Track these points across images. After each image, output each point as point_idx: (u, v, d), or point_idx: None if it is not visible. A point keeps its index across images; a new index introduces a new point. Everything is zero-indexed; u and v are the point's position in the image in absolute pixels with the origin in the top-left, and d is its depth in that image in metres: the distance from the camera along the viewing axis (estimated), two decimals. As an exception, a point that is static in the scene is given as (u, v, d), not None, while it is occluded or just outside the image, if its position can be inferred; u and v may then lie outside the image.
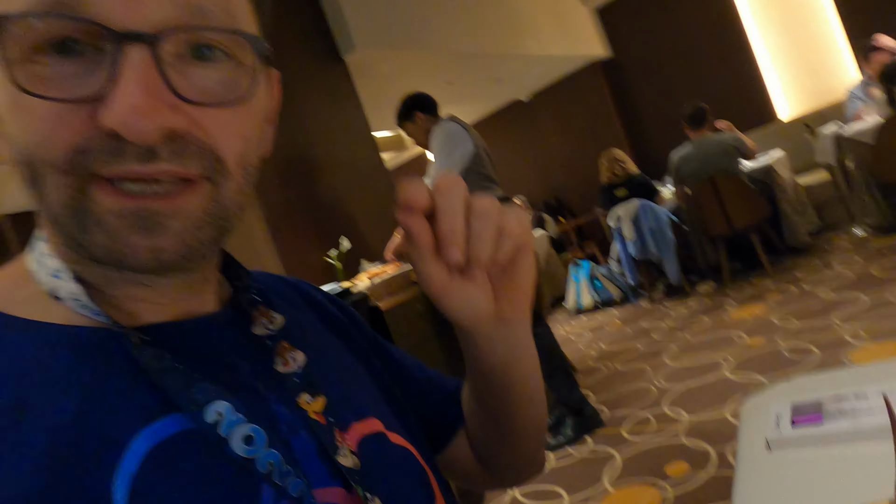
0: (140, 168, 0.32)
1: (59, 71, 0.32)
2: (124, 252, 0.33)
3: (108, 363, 0.35)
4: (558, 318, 5.21)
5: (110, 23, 0.31)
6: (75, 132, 0.32)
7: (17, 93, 0.31)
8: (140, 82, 0.31)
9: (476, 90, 5.99)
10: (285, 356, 0.43)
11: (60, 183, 0.32)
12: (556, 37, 5.58)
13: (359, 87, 3.70)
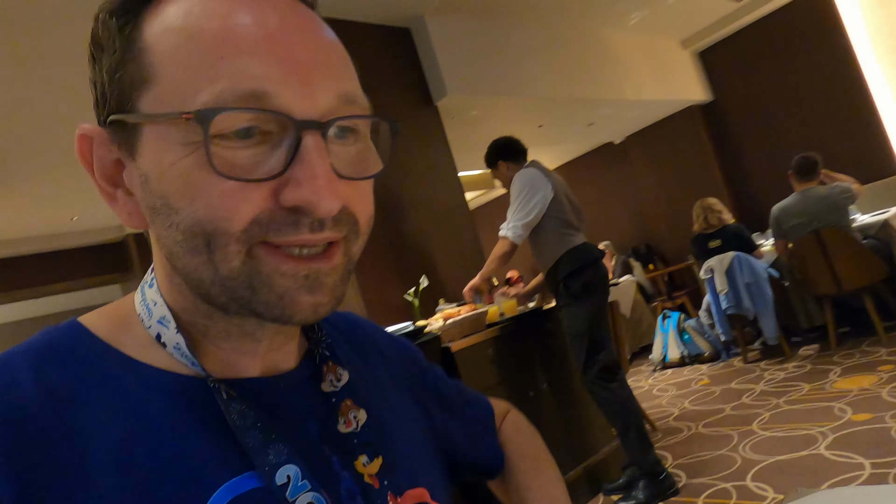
0: (311, 237, 0.37)
1: (244, 154, 0.36)
2: (293, 309, 0.38)
3: (200, 413, 0.40)
4: (641, 369, 4.98)
5: (293, 113, 0.36)
6: (255, 207, 0.36)
7: (201, 173, 0.36)
8: (322, 166, 0.36)
9: (567, 133, 5.98)
10: (348, 415, 0.46)
11: (234, 250, 0.36)
12: (653, 81, 5.48)
13: (448, 129, 3.82)
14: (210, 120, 0.34)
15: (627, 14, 4.90)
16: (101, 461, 0.35)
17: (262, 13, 0.37)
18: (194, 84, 0.35)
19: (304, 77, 0.36)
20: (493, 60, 4.07)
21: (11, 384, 0.37)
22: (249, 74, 0.35)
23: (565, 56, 4.62)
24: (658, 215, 6.63)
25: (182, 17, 0.37)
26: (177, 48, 0.36)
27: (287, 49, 0.37)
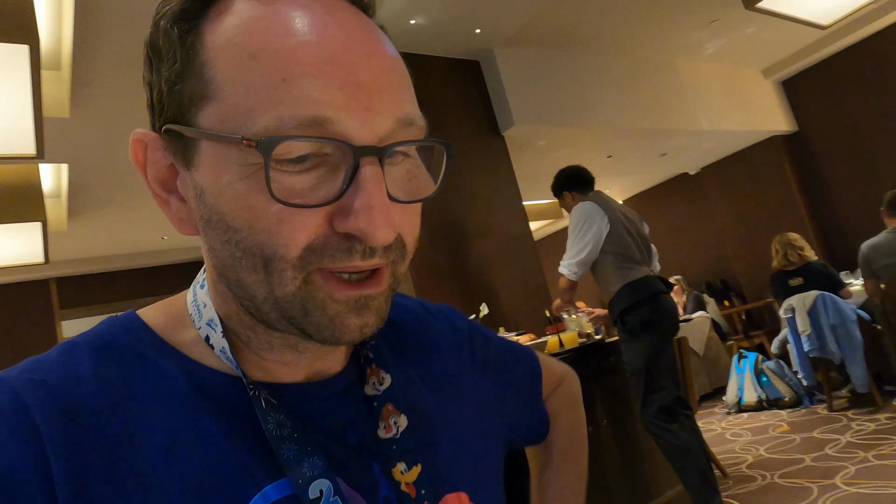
0: (363, 264, 0.37)
1: (300, 179, 0.36)
2: (343, 332, 0.38)
3: (244, 416, 0.40)
4: (715, 411, 4.72)
5: (352, 140, 0.35)
6: (311, 233, 0.36)
7: (258, 198, 0.35)
8: (378, 195, 0.35)
9: (637, 164, 5.87)
10: (388, 420, 0.46)
11: (291, 276, 0.37)
12: (731, 111, 5.31)
13: (515, 159, 3.85)
14: (272, 149, 0.34)
15: (703, 44, 4.80)
16: (151, 456, 0.36)
17: (326, 31, 0.36)
18: (256, 107, 0.35)
19: (365, 102, 0.36)
20: (561, 91, 4.09)
21: (73, 375, 0.38)
22: (311, 100, 0.34)
23: (636, 86, 4.57)
24: (735, 250, 6.33)
25: (244, 32, 0.36)
26: (239, 67, 0.36)
27: (350, 72, 0.36)
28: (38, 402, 0.36)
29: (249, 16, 0.37)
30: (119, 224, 5.02)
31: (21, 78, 2.19)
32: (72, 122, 3.03)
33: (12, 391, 0.36)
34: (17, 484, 0.33)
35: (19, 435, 0.34)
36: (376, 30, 0.40)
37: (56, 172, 3.97)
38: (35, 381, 0.37)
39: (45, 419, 0.35)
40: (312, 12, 0.37)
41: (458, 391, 0.55)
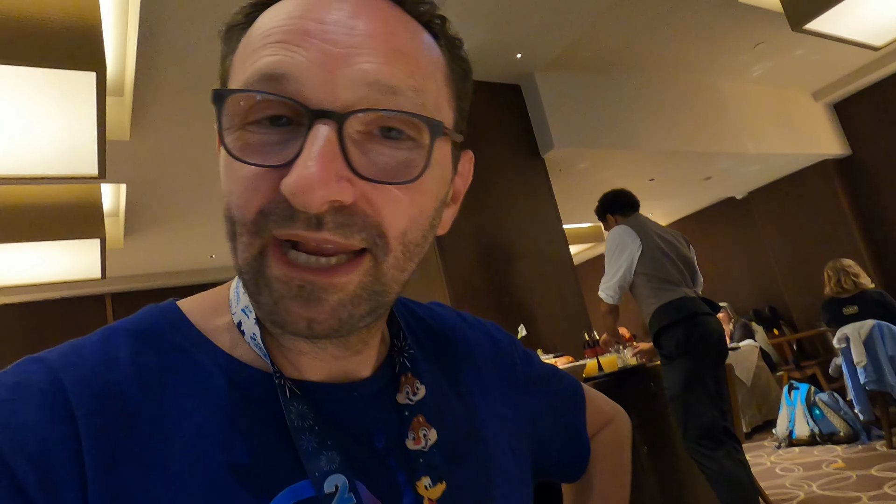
0: (307, 234, 0.34)
1: (263, 139, 0.35)
2: (284, 318, 0.36)
3: (272, 410, 0.39)
4: (764, 444, 4.52)
5: (308, 101, 0.34)
6: (263, 196, 0.35)
7: (228, 157, 0.36)
8: (318, 156, 0.33)
9: (681, 187, 5.77)
10: (418, 432, 0.44)
11: (248, 243, 0.36)
12: (779, 134, 5.18)
13: (555, 181, 3.85)
14: (223, 100, 0.35)
15: (750, 66, 4.73)
16: (180, 445, 0.36)
17: (324, 9, 0.36)
18: (237, 74, 0.37)
19: (330, 65, 0.34)
20: (601, 114, 4.09)
21: (111, 362, 0.38)
22: (273, 59, 0.34)
23: (679, 109, 4.52)
24: (785, 276, 6.11)
25: (263, 18, 0.38)
26: (245, 44, 0.38)
27: (325, 39, 0.35)
28: (75, 384, 0.36)
29: (276, 7, 0.38)
30: (171, 242, 5.23)
31: (87, 103, 2.34)
32: (131, 144, 3.21)
33: (51, 372, 0.36)
34: (48, 461, 0.33)
35: (54, 414, 0.34)
36: (386, 11, 0.38)
37: (115, 192, 4.19)
38: (73, 364, 0.37)
39: (80, 401, 0.35)
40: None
41: (491, 406, 0.53)
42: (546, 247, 3.62)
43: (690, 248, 2.78)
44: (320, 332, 0.36)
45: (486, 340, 0.58)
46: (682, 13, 3.64)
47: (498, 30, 3.14)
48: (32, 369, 0.36)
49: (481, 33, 3.13)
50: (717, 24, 3.88)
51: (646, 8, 3.50)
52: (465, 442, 0.48)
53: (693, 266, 2.66)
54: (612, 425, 0.67)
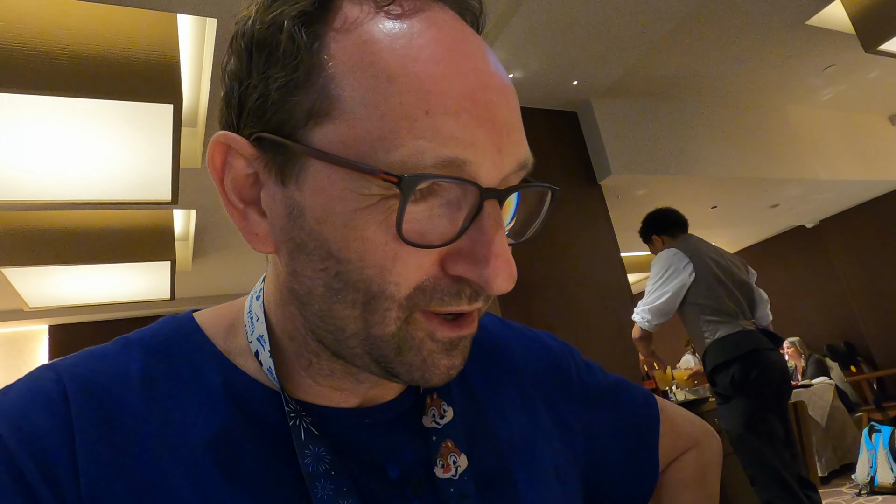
0: (467, 307, 0.35)
1: (421, 216, 0.33)
2: (433, 373, 0.36)
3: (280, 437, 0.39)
4: (842, 491, 4.20)
5: (479, 180, 0.33)
6: (424, 273, 0.34)
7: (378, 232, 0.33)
8: (501, 242, 0.33)
9: (746, 215, 5.56)
10: (447, 458, 0.42)
11: (394, 317, 0.34)
12: (853, 160, 4.93)
13: (612, 208, 3.79)
14: (415, 186, 0.31)
15: (819, 90, 4.54)
16: (180, 464, 0.36)
17: (465, 62, 0.34)
18: (392, 137, 0.31)
19: (497, 144, 0.34)
20: (660, 140, 4.01)
21: (120, 374, 0.39)
22: (453, 138, 0.32)
23: (743, 134, 4.39)
24: (862, 310, 5.74)
25: (379, 50, 0.33)
26: (375, 90, 0.32)
27: (487, 110, 0.33)
28: (78, 394, 0.37)
29: (384, 32, 0.33)
30: (235, 266, 5.44)
31: (164, 133, 2.49)
32: (202, 172, 3.38)
33: (59, 381, 0.37)
34: (53, 467, 0.34)
35: (58, 423, 0.35)
36: (498, 61, 0.37)
37: (186, 217, 4.41)
38: (80, 375, 0.38)
39: (79, 412, 0.36)
40: (449, 38, 0.34)
41: (535, 422, 0.50)
42: (603, 275, 3.54)
43: (749, 271, 2.55)
44: (454, 376, 0.37)
45: (536, 349, 0.55)
46: (746, 37, 3.56)
47: (555, 57, 3.15)
48: (45, 376, 0.38)
49: (538, 61, 3.15)
50: (783, 47, 3.76)
51: (707, 33, 3.44)
52: (500, 466, 0.45)
53: (752, 293, 2.46)
54: (697, 450, 0.60)
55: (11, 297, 4.28)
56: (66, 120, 2.30)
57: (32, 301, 4.31)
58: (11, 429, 0.34)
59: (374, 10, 0.34)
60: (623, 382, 0.59)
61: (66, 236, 3.59)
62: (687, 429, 0.61)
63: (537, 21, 2.74)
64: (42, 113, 2.23)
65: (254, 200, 0.37)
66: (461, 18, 0.37)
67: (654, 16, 2.85)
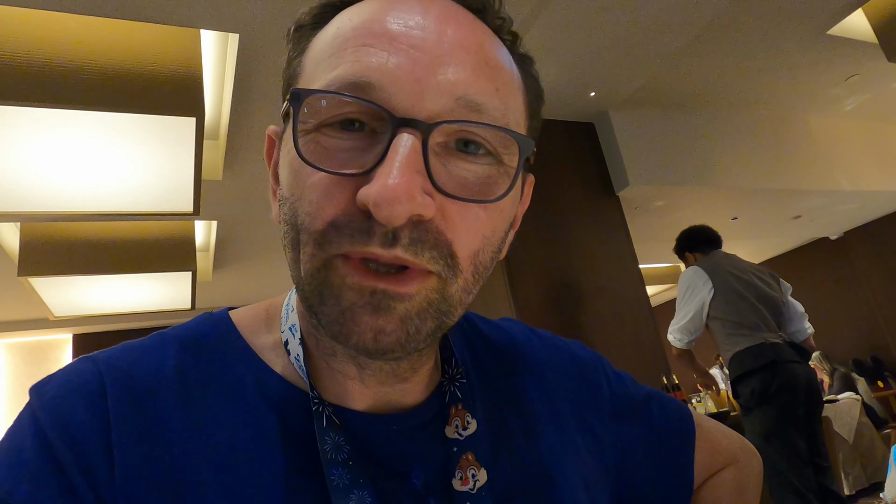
0: (381, 252, 0.32)
1: (338, 145, 0.34)
2: (352, 329, 0.33)
3: (305, 433, 0.39)
4: (870, 510, 4.08)
5: (394, 109, 0.33)
6: (336, 206, 0.33)
7: (298, 161, 0.34)
8: (402, 166, 0.31)
9: (767, 226, 5.48)
10: (466, 471, 0.41)
11: (312, 254, 0.34)
12: (878, 170, 4.85)
13: (631, 220, 3.76)
14: (301, 100, 0.33)
15: (842, 100, 4.48)
16: (209, 457, 0.37)
17: (409, 13, 0.35)
18: (317, 74, 0.35)
19: (418, 74, 0.33)
20: (679, 150, 3.98)
21: (155, 368, 0.39)
22: (361, 64, 0.33)
23: (763, 144, 4.34)
24: (890, 323, 5.61)
25: (341, 19, 0.37)
26: (322, 45, 0.37)
27: (411, 45, 0.34)
28: (115, 387, 0.37)
29: (355, 8, 0.37)
30: (255, 277, 5.50)
31: (186, 146, 2.54)
32: (223, 184, 3.44)
33: (97, 372, 0.38)
34: (88, 456, 0.35)
35: (93, 411, 0.36)
36: (474, 20, 0.37)
37: (207, 228, 4.47)
38: (118, 368, 0.39)
39: (115, 404, 0.37)
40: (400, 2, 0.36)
41: (563, 434, 0.48)
42: (621, 287, 3.51)
43: (780, 285, 2.59)
44: (386, 346, 0.34)
45: (564, 359, 0.54)
46: (767, 47, 3.53)
47: (571, 68, 3.16)
48: (85, 368, 0.39)
49: (554, 72, 3.16)
50: (804, 57, 3.73)
51: (727, 43, 3.42)
52: (525, 481, 0.44)
53: (778, 306, 2.48)
54: (735, 467, 0.58)
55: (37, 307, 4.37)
56: (92, 133, 2.36)
57: (58, 310, 4.40)
58: (52, 419, 0.36)
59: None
60: (656, 394, 0.57)
61: (90, 247, 3.67)
62: (725, 445, 0.58)
63: (553, 33, 2.75)
64: (70, 126, 2.30)
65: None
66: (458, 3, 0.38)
67: (672, 26, 2.84)
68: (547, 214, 3.33)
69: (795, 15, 3.22)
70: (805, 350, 2.41)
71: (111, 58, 2.19)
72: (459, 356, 0.48)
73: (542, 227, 3.28)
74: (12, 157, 2.41)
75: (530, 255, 3.19)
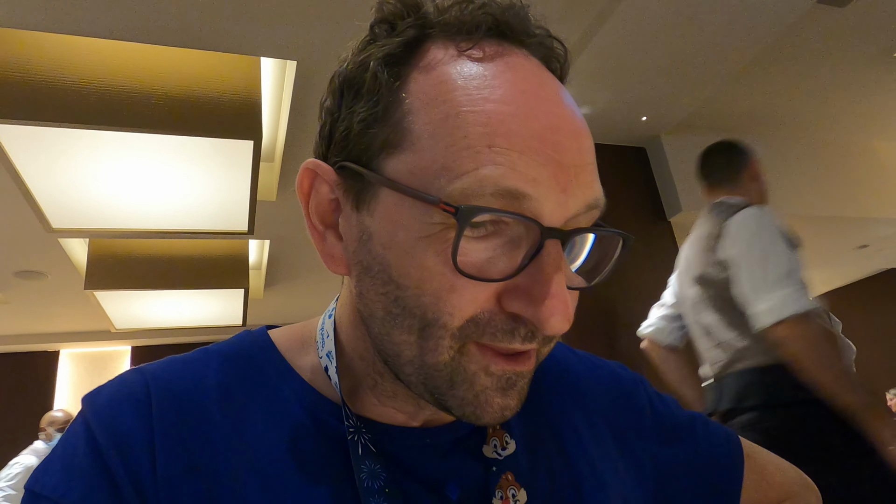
0: (520, 347, 0.35)
1: (480, 248, 0.34)
2: (483, 410, 0.35)
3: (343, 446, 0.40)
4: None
5: (541, 219, 0.33)
6: (478, 306, 0.34)
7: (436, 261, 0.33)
8: (559, 282, 0.33)
9: (830, 256, 5.23)
10: (506, 491, 0.41)
11: (447, 346, 0.34)
12: (953, 198, 4.57)
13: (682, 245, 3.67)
14: (471, 217, 0.32)
15: (911, 124, 4.27)
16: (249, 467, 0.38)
17: (537, 104, 0.34)
18: (454, 167, 0.33)
19: (563, 183, 0.34)
20: (735, 176, 3.87)
21: (199, 381, 0.41)
22: (514, 171, 0.32)
23: (824, 170, 4.16)
24: (968, 363, 5.22)
25: (453, 89, 0.34)
26: (443, 122, 0.34)
27: (555, 150, 0.34)
28: (160, 397, 0.39)
29: (460, 72, 0.35)
30: (305, 296, 5.61)
31: (244, 168, 2.64)
32: (277, 204, 3.54)
33: (145, 383, 0.40)
34: (136, 462, 0.37)
35: (140, 420, 0.38)
36: (577, 108, 0.38)
37: (260, 247, 4.61)
38: (164, 380, 0.41)
39: (160, 414, 0.39)
40: (524, 81, 0.35)
41: (603, 455, 0.48)
42: (672, 314, 3.41)
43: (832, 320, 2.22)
44: (507, 418, 0.37)
45: (605, 378, 0.54)
46: (829, 68, 3.41)
47: (623, 93, 3.13)
48: (134, 379, 0.41)
49: (606, 97, 3.14)
50: (869, 79, 3.58)
51: (783, 66, 3.32)
52: (562, 501, 0.44)
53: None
54: (791, 502, 0.55)
55: (101, 319, 4.59)
56: (155, 155, 2.49)
57: (119, 323, 4.60)
58: (102, 426, 0.38)
59: (456, 54, 0.36)
60: (701, 418, 0.55)
61: (151, 263, 3.84)
62: (778, 478, 0.55)
63: (605, 57, 2.74)
64: (136, 149, 2.43)
65: (333, 224, 0.40)
66: (542, 65, 0.38)
67: (728, 50, 2.78)
68: (596, 239, 3.28)
69: (857, 37, 3.10)
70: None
71: (177, 84, 2.31)
72: None
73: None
74: (84, 177, 2.56)
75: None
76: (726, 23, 2.57)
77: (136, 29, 2.10)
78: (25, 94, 2.10)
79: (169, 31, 2.13)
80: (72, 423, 0.40)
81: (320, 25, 2.22)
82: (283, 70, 2.74)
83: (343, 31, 2.26)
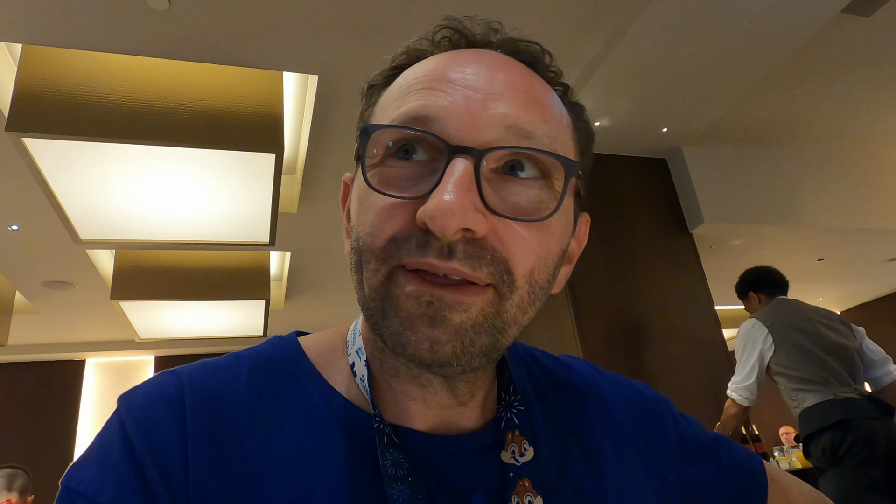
0: (438, 262, 0.35)
1: (400, 173, 0.38)
2: (409, 339, 0.35)
3: (371, 452, 0.40)
4: None
5: (449, 138, 0.36)
6: (396, 225, 0.36)
7: (366, 190, 0.38)
8: (455, 186, 0.34)
9: (858, 269, 5.11)
10: (522, 498, 0.41)
11: (375, 269, 0.37)
12: None
13: (705, 259, 3.61)
14: (369, 134, 0.38)
15: (942, 134, 4.17)
16: (279, 469, 0.39)
17: (465, 63, 0.40)
18: (385, 115, 0.40)
19: (472, 109, 0.37)
20: (758, 187, 3.81)
21: (230, 385, 0.42)
22: (422, 102, 0.38)
23: (853, 181, 4.08)
24: None
25: (406, 73, 0.42)
26: (389, 94, 0.42)
27: (467, 86, 0.38)
28: (193, 400, 0.40)
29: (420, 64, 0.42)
30: (325, 307, 5.65)
31: (265, 180, 2.68)
32: (298, 216, 3.58)
33: (179, 385, 0.41)
34: (168, 461, 0.37)
35: (174, 421, 0.39)
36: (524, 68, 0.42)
37: (281, 259, 4.66)
38: (197, 382, 0.42)
39: (192, 416, 0.40)
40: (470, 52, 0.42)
41: (629, 472, 0.48)
42: (695, 328, 3.35)
43: (852, 331, 2.37)
44: (441, 356, 0.35)
45: (630, 396, 0.54)
46: (853, 80, 3.36)
47: (643, 104, 3.11)
48: (168, 381, 0.42)
49: (626, 108, 3.12)
50: None
51: (809, 76, 3.28)
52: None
53: (851, 356, 2.27)
54: None
55: (125, 329, 4.67)
56: (179, 168, 2.54)
57: (143, 332, 4.68)
58: (136, 427, 0.39)
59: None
60: (724, 440, 0.55)
61: (174, 274, 3.90)
62: (801, 500, 0.55)
63: (626, 69, 2.73)
64: (161, 162, 2.48)
65: None
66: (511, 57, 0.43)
67: (751, 59, 2.75)
68: (616, 251, 3.25)
69: (886, 43, 3.05)
70: (885, 404, 2.16)
71: (202, 99, 2.37)
72: (520, 387, 0.49)
73: (612, 265, 3.20)
74: (112, 189, 2.62)
75: (599, 293, 3.11)
76: (748, 33, 2.54)
77: (162, 46, 2.16)
78: (56, 109, 2.17)
79: (194, 47, 2.18)
80: (107, 421, 0.41)
81: (341, 41, 2.25)
82: (305, 84, 2.78)
83: (363, 46, 2.29)
